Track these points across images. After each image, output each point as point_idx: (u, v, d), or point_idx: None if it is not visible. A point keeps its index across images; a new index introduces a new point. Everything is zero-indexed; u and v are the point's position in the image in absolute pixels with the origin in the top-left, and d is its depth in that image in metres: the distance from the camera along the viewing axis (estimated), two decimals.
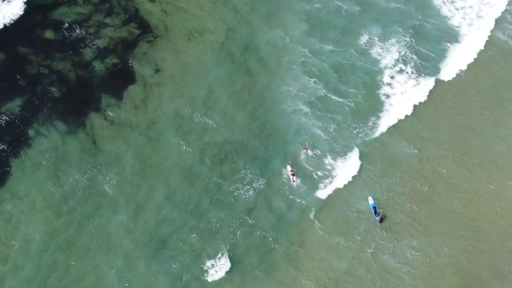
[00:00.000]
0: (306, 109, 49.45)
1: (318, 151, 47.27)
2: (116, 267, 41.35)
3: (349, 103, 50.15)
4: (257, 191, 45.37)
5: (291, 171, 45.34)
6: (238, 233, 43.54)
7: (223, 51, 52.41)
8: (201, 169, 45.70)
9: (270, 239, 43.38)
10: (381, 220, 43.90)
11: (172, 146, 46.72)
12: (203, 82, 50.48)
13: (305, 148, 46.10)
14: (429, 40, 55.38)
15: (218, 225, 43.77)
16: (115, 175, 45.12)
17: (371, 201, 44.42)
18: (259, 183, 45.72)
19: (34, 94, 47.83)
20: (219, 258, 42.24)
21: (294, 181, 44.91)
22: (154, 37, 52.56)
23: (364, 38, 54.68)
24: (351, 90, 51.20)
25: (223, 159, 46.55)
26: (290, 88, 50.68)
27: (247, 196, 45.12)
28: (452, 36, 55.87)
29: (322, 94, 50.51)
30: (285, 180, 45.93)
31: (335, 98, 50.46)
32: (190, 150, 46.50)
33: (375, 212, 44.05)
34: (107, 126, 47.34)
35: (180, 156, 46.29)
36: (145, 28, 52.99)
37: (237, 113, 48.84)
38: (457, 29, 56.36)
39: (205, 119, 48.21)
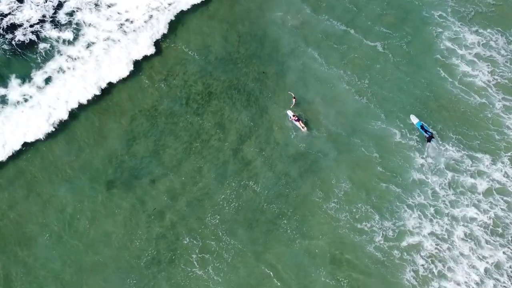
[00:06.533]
0: (311, 47, 39.08)
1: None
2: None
3: (381, 48, 39.37)
4: (254, 140, 35.49)
5: (293, 116, 36.02)
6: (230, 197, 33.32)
7: None
8: (173, 107, 36.08)
9: (276, 209, 33.27)
10: (430, 139, 35.40)
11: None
12: None
13: (293, 98, 36.62)
14: None
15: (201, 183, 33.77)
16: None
17: (415, 120, 36.52)
18: (255, 130, 35.83)
19: None
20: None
21: (303, 128, 35.93)
22: None
23: None
24: (382, 29, 40.50)
25: (207, 98, 36.66)
26: (289, 18, 40.31)
27: (241, 147, 35.12)
28: None
29: (339, 30, 40.08)
30: (292, 129, 36.15)
31: (359, 37, 39.68)
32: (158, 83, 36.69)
33: (426, 131, 35.61)
34: None
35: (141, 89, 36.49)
36: None
37: (216, 41, 38.98)
38: None
39: (175, 44, 38.42)
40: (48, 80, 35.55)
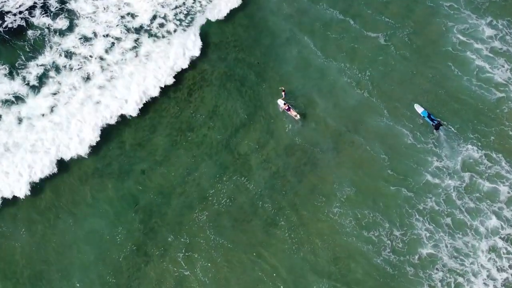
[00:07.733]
0: (307, 36, 36.99)
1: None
2: None
3: (383, 40, 36.82)
4: (248, 132, 33.76)
5: (284, 104, 34.31)
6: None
7: None
8: (162, 94, 34.54)
9: (271, 208, 31.17)
10: (437, 126, 33.42)
11: None
12: None
13: (283, 91, 34.86)
14: None
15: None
16: None
17: (419, 109, 34.52)
18: (249, 121, 34.05)
19: None
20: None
21: (296, 116, 34.16)
22: None
23: None
24: (384, 18, 37.95)
25: (199, 86, 35.12)
26: (285, 6, 38.42)
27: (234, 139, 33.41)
28: None
29: (337, 19, 37.83)
30: (287, 121, 34.18)
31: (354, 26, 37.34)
32: None
33: (432, 119, 33.76)
34: None
35: None
36: None
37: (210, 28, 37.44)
38: None
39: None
40: (42, 77, 33.82)
